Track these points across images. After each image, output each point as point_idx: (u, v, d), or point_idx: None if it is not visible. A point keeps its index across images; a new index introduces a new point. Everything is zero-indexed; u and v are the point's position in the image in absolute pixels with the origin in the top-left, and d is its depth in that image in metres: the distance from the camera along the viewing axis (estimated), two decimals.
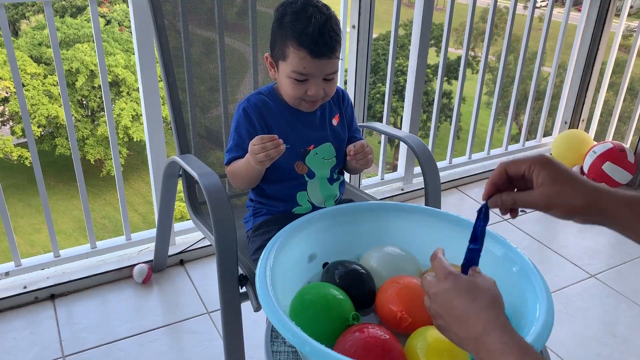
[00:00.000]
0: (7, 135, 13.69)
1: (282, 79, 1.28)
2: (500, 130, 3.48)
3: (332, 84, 1.28)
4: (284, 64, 1.25)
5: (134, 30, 1.84)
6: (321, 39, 1.19)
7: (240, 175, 1.32)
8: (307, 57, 1.20)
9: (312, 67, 1.22)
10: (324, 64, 1.22)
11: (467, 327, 0.74)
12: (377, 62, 16.04)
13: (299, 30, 1.19)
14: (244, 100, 1.35)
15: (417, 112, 2.57)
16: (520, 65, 2.86)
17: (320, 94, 1.26)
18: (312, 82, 1.24)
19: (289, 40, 1.21)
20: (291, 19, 1.20)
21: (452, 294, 0.76)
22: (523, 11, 3.02)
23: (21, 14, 16.35)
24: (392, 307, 0.96)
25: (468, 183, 2.82)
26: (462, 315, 0.75)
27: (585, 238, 2.43)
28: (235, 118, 1.34)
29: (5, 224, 1.92)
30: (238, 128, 1.33)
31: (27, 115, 1.87)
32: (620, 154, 2.74)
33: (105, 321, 1.86)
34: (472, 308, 0.75)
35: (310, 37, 1.18)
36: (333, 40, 1.21)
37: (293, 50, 1.21)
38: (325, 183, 1.38)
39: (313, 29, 1.18)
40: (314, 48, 1.19)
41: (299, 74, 1.23)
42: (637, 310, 1.99)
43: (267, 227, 1.35)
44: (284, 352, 0.96)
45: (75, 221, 12.58)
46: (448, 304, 0.76)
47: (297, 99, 1.28)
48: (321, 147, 1.36)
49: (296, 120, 1.34)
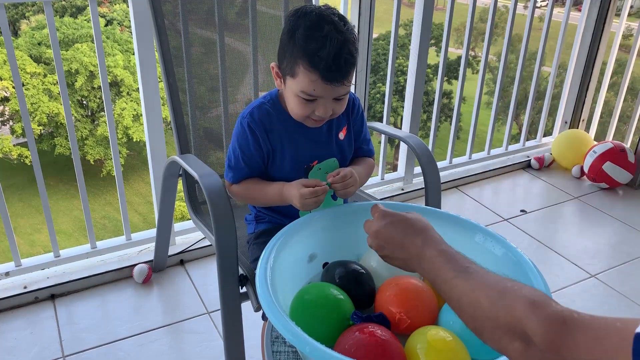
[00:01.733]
0: (7, 135, 13.69)
1: (288, 95, 1.19)
2: (501, 130, 3.48)
3: (342, 103, 1.19)
4: (292, 81, 1.15)
5: (134, 30, 1.84)
6: (335, 65, 1.09)
7: (260, 201, 1.29)
8: (318, 81, 1.11)
9: (322, 91, 1.13)
10: (335, 88, 1.13)
11: (408, 248, 0.86)
12: (377, 62, 16.04)
13: (312, 50, 1.08)
14: (246, 114, 1.25)
15: (417, 112, 2.57)
16: (520, 65, 2.86)
17: (329, 114, 1.18)
18: (320, 103, 1.15)
19: (300, 59, 1.10)
20: (304, 36, 1.10)
21: (391, 226, 0.90)
22: (523, 11, 3.02)
23: (21, 14, 16.35)
24: (391, 309, 0.96)
25: (468, 183, 2.82)
26: (402, 241, 0.87)
27: (586, 238, 2.43)
28: (239, 133, 1.26)
29: (5, 224, 1.92)
30: (244, 145, 1.25)
31: (27, 116, 1.87)
32: (621, 154, 2.74)
33: (105, 321, 1.86)
34: (410, 232, 0.87)
35: (324, 62, 1.08)
36: (348, 64, 1.11)
37: (303, 71, 1.11)
38: (328, 198, 1.32)
39: (328, 52, 1.08)
40: (327, 74, 1.09)
41: (308, 95, 1.14)
42: (637, 310, 1.99)
43: (268, 237, 1.30)
44: (284, 352, 0.96)
45: (75, 221, 12.58)
46: (389, 234, 0.89)
47: (303, 117, 1.20)
48: (325, 162, 1.28)
49: (301, 135, 1.26)
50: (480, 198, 2.71)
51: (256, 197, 1.28)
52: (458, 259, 0.80)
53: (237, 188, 1.29)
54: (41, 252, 8.47)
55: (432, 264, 0.81)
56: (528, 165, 3.00)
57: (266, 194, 1.25)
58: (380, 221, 0.91)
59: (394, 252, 0.89)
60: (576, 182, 2.87)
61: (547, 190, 2.81)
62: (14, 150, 13.08)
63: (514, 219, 2.54)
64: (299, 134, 1.25)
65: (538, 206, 2.66)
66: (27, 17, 16.44)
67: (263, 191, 1.26)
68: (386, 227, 0.90)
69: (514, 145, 3.09)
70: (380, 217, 0.92)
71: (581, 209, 2.66)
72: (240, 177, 1.28)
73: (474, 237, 1.09)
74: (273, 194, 1.23)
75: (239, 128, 1.26)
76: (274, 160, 1.27)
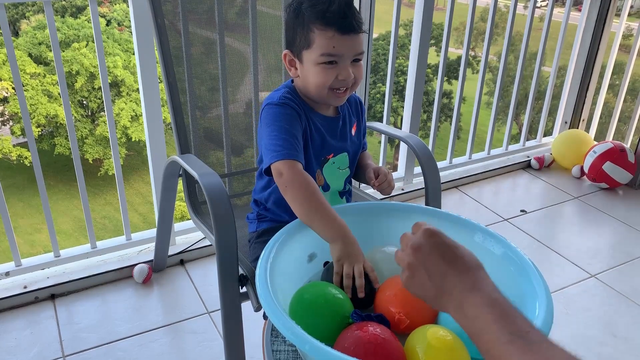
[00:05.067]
0: (7, 135, 13.68)
1: (308, 70, 1.20)
2: (501, 130, 3.48)
3: (360, 67, 1.22)
4: (309, 52, 1.18)
5: (134, 30, 1.84)
6: (349, 12, 1.15)
7: (311, 204, 1.08)
8: (335, 35, 1.15)
9: (341, 46, 1.16)
10: (353, 40, 1.17)
11: (451, 281, 0.70)
12: (377, 62, 16.04)
13: (322, 10, 1.15)
14: (279, 96, 1.22)
15: (417, 112, 2.58)
16: (520, 65, 2.86)
17: (351, 77, 1.20)
18: (341, 66, 1.18)
19: (313, 23, 1.16)
20: (310, 4, 1.17)
21: (439, 248, 0.74)
22: (523, 11, 3.02)
23: (21, 14, 16.35)
24: (390, 309, 0.96)
25: (468, 183, 2.82)
26: (446, 270, 0.71)
27: (586, 238, 2.43)
28: (275, 113, 1.20)
29: (5, 224, 1.92)
30: (286, 124, 1.17)
31: (28, 116, 1.87)
32: (621, 154, 2.74)
33: (106, 321, 1.86)
34: (459, 264, 0.71)
35: (337, 14, 1.14)
36: (358, 13, 1.18)
37: (319, 33, 1.16)
38: (335, 196, 1.35)
39: (337, 6, 1.14)
40: (342, 22, 1.15)
41: (329, 55, 1.16)
42: (637, 310, 1.99)
43: (269, 237, 1.27)
44: (284, 351, 0.96)
45: (75, 221, 12.58)
46: (433, 256, 0.73)
47: (326, 88, 1.20)
48: (339, 157, 1.31)
49: (321, 126, 1.27)
50: (480, 198, 2.71)
51: (308, 210, 1.08)
52: (516, 317, 0.65)
53: (289, 171, 1.13)
54: (41, 252, 8.46)
55: (479, 312, 0.66)
56: (528, 165, 3.00)
57: (323, 216, 1.06)
58: (427, 237, 0.75)
59: (429, 279, 0.73)
60: (576, 182, 2.87)
61: (547, 190, 2.81)
62: (14, 152, 13.08)
63: (514, 219, 2.54)
64: (320, 124, 1.27)
65: (538, 206, 2.66)
66: (27, 17, 16.44)
67: (320, 209, 1.07)
68: (432, 247, 0.74)
69: (514, 145, 3.09)
70: (428, 234, 0.76)
71: (581, 209, 2.66)
72: (294, 156, 1.15)
73: (474, 237, 1.09)
74: (329, 226, 1.05)
75: (272, 109, 1.21)
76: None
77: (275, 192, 1.31)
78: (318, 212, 1.07)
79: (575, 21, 3.05)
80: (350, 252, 1.02)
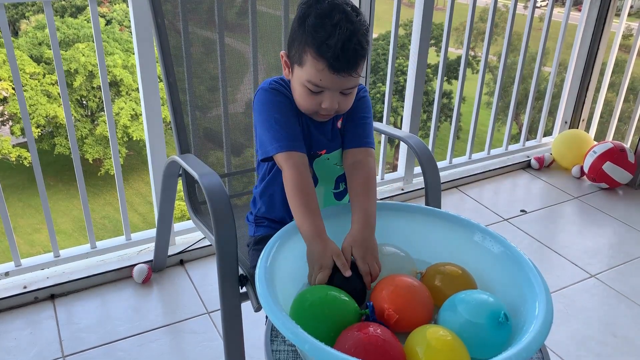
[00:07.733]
0: (7, 136, 13.68)
1: (295, 84, 1.16)
2: (501, 130, 3.48)
3: (349, 98, 1.16)
4: (299, 70, 1.13)
5: (134, 30, 1.84)
6: (343, 54, 1.06)
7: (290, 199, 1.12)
8: (325, 70, 1.08)
9: (328, 81, 1.10)
10: (344, 80, 1.10)
11: None
12: (377, 62, 16.04)
13: (321, 39, 1.06)
14: (270, 82, 1.20)
15: (417, 112, 2.57)
16: (520, 65, 2.86)
17: (334, 108, 1.14)
18: (327, 95, 1.12)
19: (308, 46, 1.08)
20: (314, 23, 1.07)
21: None
22: (523, 11, 3.02)
23: (21, 14, 16.34)
24: (383, 305, 0.97)
25: (468, 183, 2.82)
26: None
27: (586, 238, 2.43)
28: (265, 98, 1.19)
29: (5, 224, 1.92)
30: (276, 108, 1.16)
31: (27, 116, 1.87)
32: (621, 154, 2.74)
33: (105, 321, 1.86)
34: None
35: (332, 50, 1.05)
36: (357, 55, 1.08)
37: (311, 59, 1.09)
38: (330, 197, 1.31)
39: (336, 41, 1.05)
40: (334, 63, 1.07)
41: (314, 85, 1.11)
42: (637, 310, 1.99)
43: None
44: (284, 351, 0.96)
45: (75, 221, 12.57)
46: None
47: (308, 110, 1.17)
48: (334, 154, 1.26)
49: (311, 121, 1.23)
50: (480, 198, 2.71)
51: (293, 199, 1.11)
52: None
53: (287, 164, 1.14)
54: (41, 252, 8.47)
55: None
56: (528, 165, 3.00)
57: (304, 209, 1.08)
58: None
59: None
60: (576, 182, 2.87)
61: (547, 190, 2.81)
62: (13, 152, 13.06)
63: (514, 219, 2.54)
64: (309, 121, 1.23)
65: (538, 206, 2.66)
66: (27, 17, 16.44)
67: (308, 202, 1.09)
68: None
69: (514, 145, 3.09)
70: None
71: (581, 209, 2.66)
72: (289, 147, 1.15)
73: (473, 237, 1.09)
74: (309, 224, 1.07)
75: (264, 95, 1.19)
76: None
77: (268, 187, 1.29)
78: (296, 212, 1.10)
79: (575, 21, 3.05)
80: (311, 259, 1.03)
